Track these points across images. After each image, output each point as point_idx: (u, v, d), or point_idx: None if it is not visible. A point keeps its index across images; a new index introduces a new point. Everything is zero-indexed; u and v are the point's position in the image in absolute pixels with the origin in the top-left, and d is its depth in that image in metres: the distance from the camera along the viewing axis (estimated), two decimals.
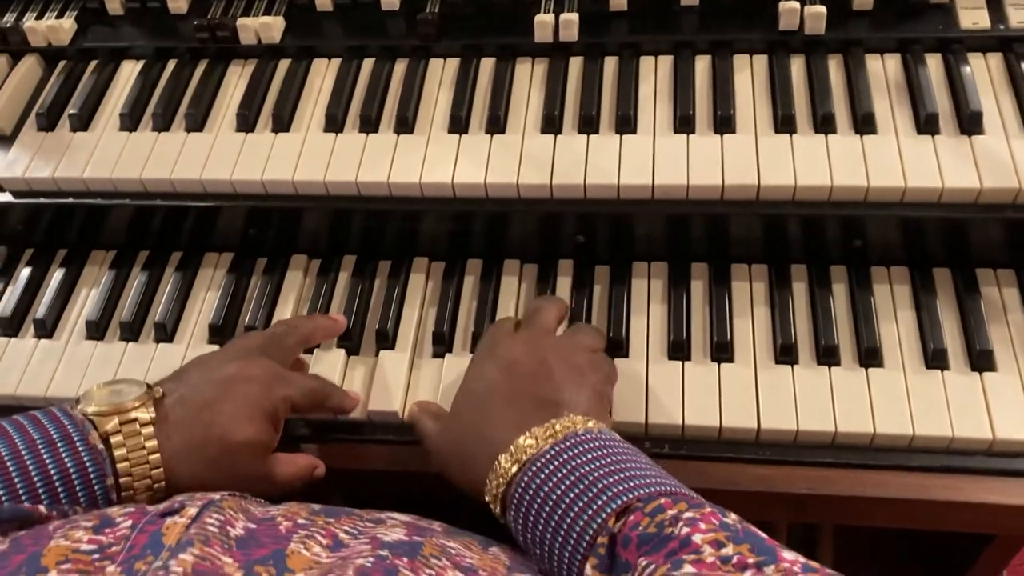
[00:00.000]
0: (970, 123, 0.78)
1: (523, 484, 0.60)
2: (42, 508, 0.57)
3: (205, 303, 0.86)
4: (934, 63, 0.83)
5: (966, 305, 0.78)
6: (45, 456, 0.59)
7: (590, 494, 0.57)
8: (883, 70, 0.84)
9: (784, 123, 0.80)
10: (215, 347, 0.82)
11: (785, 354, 0.76)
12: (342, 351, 0.81)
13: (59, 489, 0.59)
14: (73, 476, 0.60)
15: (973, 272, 0.80)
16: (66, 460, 0.60)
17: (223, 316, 0.84)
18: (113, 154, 0.87)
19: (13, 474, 0.58)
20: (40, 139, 0.89)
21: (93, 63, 0.95)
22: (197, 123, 0.88)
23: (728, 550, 0.51)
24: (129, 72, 0.94)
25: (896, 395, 0.74)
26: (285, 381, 0.71)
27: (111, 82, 0.94)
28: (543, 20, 0.87)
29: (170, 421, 0.65)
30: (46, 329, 0.85)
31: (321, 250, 0.89)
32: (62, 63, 0.96)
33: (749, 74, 0.85)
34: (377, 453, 0.78)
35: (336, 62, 0.92)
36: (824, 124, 0.80)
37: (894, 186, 0.76)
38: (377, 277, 0.87)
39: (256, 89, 0.90)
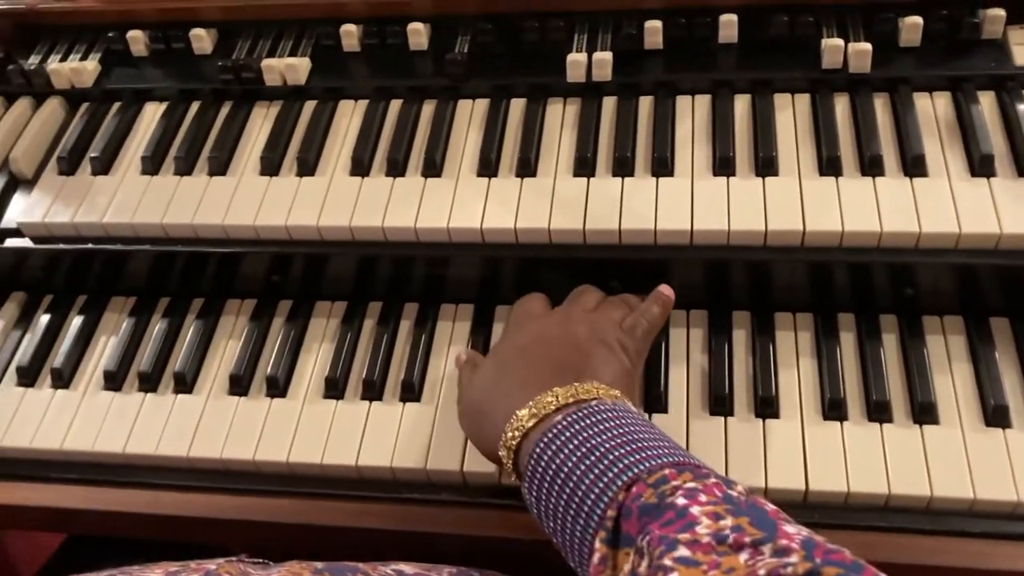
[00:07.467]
0: None
1: (536, 454, 0.59)
2: None
3: (226, 352, 0.83)
4: (987, 101, 0.80)
5: None
6: None
7: (601, 466, 0.55)
8: (932, 109, 0.80)
9: (829, 165, 0.77)
10: (235, 398, 0.79)
11: (833, 409, 0.72)
12: (365, 402, 0.78)
13: None
14: None
15: None
16: None
17: (244, 366, 0.81)
18: (134, 198, 0.85)
19: None
20: (61, 183, 0.88)
21: (116, 105, 0.94)
22: (220, 166, 0.86)
23: (727, 522, 0.48)
24: (152, 114, 0.93)
25: (954, 455, 0.69)
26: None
27: (134, 124, 0.92)
28: (575, 59, 0.84)
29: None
30: (63, 379, 0.83)
31: (346, 296, 0.86)
32: (85, 105, 0.95)
33: (791, 114, 0.82)
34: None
35: (363, 103, 0.90)
36: (872, 166, 0.76)
37: (948, 232, 0.72)
38: (403, 324, 0.83)
39: (281, 131, 0.88)
